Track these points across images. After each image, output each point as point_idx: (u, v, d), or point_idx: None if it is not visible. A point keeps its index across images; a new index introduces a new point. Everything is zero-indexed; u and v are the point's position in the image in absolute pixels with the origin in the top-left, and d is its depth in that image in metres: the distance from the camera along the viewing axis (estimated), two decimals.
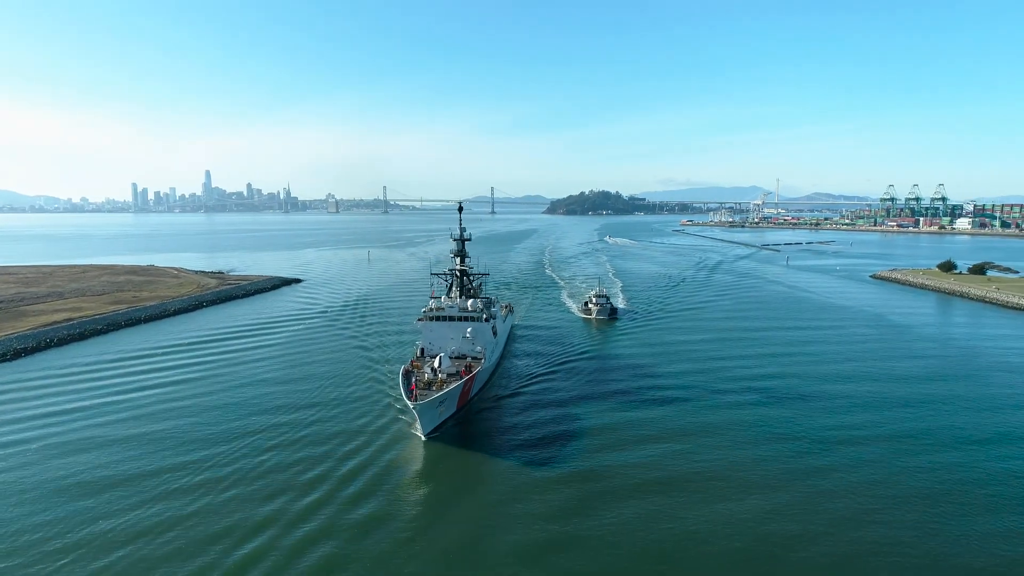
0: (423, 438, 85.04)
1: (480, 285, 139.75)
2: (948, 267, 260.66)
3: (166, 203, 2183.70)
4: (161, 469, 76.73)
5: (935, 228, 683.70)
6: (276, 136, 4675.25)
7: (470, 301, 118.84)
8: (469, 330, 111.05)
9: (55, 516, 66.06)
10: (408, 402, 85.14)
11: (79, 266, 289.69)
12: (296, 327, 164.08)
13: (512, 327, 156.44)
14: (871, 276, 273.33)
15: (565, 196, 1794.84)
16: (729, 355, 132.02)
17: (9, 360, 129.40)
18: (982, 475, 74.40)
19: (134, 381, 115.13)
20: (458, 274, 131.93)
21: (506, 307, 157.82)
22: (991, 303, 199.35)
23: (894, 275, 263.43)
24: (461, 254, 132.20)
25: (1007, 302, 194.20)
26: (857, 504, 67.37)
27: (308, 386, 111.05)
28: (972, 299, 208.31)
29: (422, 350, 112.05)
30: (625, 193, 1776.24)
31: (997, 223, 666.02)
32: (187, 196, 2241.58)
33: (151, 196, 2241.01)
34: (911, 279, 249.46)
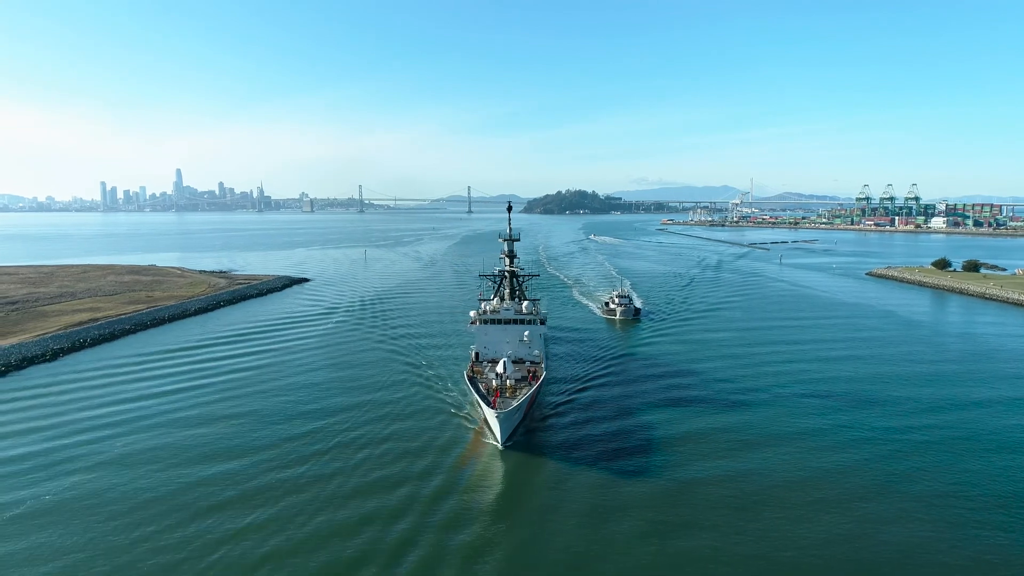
0: (500, 447, 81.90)
1: (526, 286, 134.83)
2: (943, 264, 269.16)
3: (136, 202, 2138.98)
4: (270, 444, 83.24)
5: (911, 227, 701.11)
6: (248, 134, 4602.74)
7: (524, 303, 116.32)
8: (526, 333, 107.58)
9: (187, 483, 72.47)
10: (490, 410, 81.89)
11: (79, 266, 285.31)
12: (323, 325, 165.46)
13: None
14: (867, 273, 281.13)
15: (542, 195, 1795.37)
16: (760, 349, 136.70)
17: (49, 360, 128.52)
18: None
19: (197, 371, 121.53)
20: (507, 275, 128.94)
21: None
22: (991, 299, 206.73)
23: (890, 272, 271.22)
24: (511, 255, 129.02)
25: (1008, 298, 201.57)
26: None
27: (361, 378, 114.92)
28: (971, 295, 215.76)
29: (477, 354, 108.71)
30: (601, 192, 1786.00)
31: (970, 222, 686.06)
32: (157, 195, 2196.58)
33: (120, 195, 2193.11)
34: (908, 276, 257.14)
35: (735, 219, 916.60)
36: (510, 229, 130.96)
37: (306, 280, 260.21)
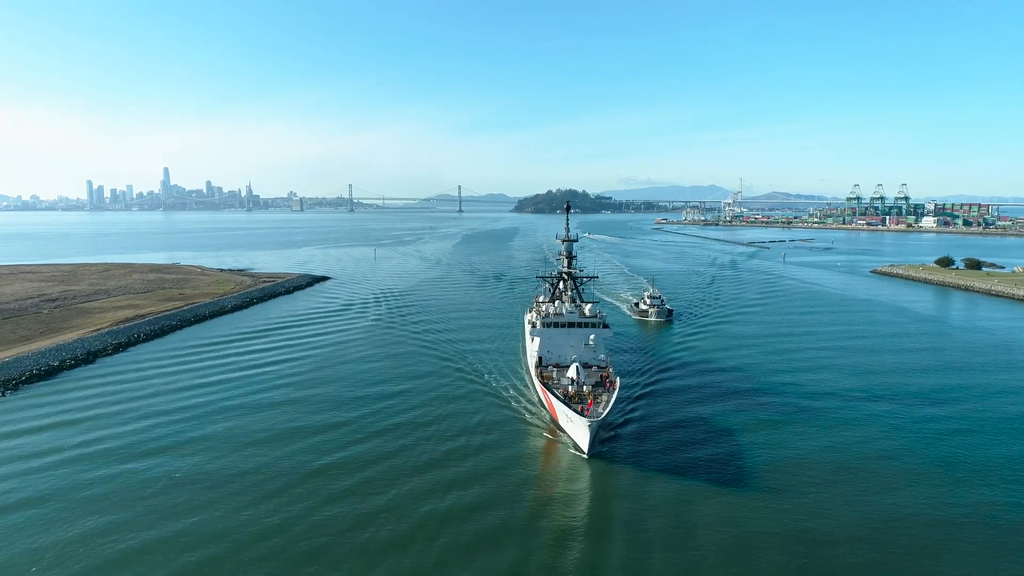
0: (586, 456, 79.10)
1: (583, 289, 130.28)
2: (946, 262, 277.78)
3: (123, 201, 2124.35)
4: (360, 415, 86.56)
5: (903, 227, 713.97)
6: (236, 133, 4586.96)
7: (588, 306, 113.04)
8: (592, 337, 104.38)
9: (295, 448, 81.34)
10: (581, 418, 78.40)
11: (99, 265, 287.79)
12: (362, 319, 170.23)
13: None
14: (871, 271, 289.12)
15: (532, 195, 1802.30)
16: (797, 346, 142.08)
17: (111, 354, 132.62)
18: None
19: (254, 358, 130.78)
20: (566, 277, 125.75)
21: None
22: (997, 296, 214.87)
23: (895, 270, 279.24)
24: (569, 255, 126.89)
25: (1014, 295, 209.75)
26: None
27: (418, 376, 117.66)
28: (977, 292, 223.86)
29: (540, 359, 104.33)
30: (591, 192, 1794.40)
31: (960, 221, 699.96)
32: (144, 194, 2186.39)
33: (107, 194, 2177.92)
34: (913, 274, 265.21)
35: (728, 218, 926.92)
36: (568, 229, 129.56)
37: (327, 279, 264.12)
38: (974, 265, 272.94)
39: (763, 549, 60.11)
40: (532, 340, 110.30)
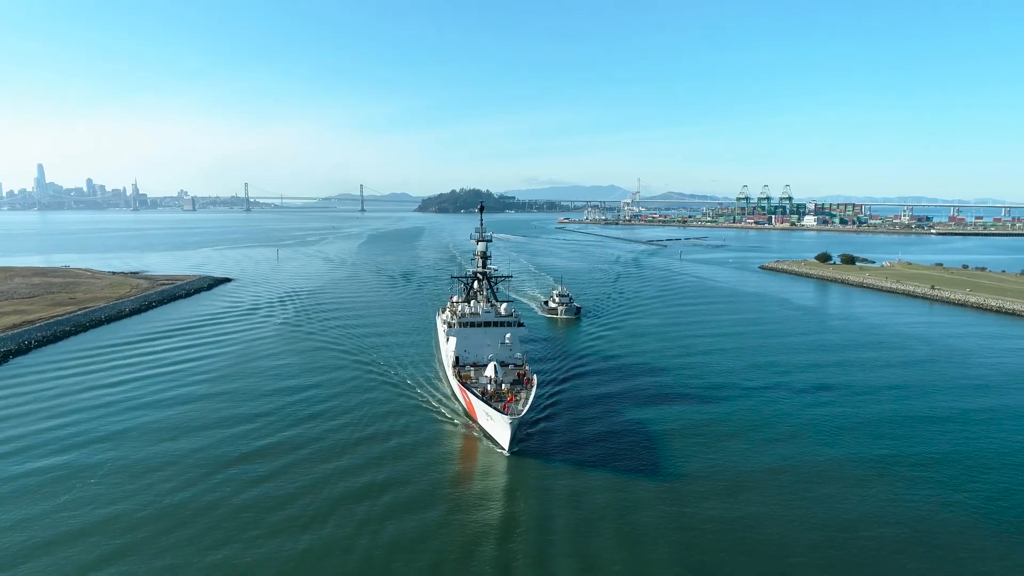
0: (507, 453, 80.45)
1: (496, 288, 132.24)
2: (825, 258, 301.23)
3: None
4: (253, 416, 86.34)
5: (787, 225, 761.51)
6: (120, 128, 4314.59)
7: (503, 305, 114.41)
8: (508, 336, 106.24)
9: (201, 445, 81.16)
10: (502, 416, 79.29)
11: None
12: (267, 320, 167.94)
13: None
14: (759, 267, 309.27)
15: (436, 194, 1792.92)
16: (693, 336, 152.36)
17: (1, 363, 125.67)
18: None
19: (163, 358, 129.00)
20: (481, 277, 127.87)
21: None
22: (868, 288, 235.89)
23: (780, 266, 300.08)
24: (484, 256, 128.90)
25: (882, 286, 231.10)
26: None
27: (330, 374, 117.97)
28: (851, 285, 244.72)
29: (457, 358, 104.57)
30: (495, 192, 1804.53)
31: (837, 220, 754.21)
32: (16, 192, 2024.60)
33: None
34: (796, 269, 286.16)
35: (627, 218, 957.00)
36: (482, 230, 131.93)
37: (229, 280, 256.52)
38: (849, 260, 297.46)
39: (696, 518, 66.41)
40: (448, 340, 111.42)
